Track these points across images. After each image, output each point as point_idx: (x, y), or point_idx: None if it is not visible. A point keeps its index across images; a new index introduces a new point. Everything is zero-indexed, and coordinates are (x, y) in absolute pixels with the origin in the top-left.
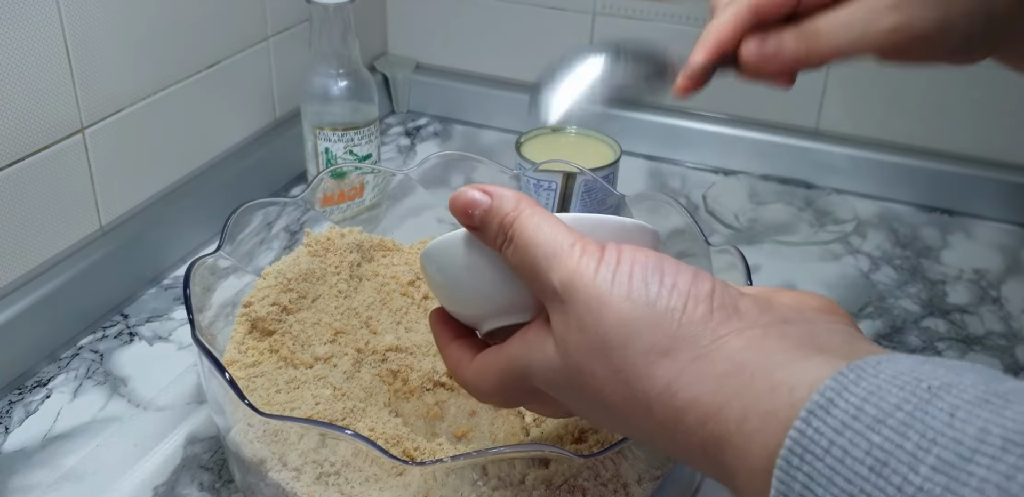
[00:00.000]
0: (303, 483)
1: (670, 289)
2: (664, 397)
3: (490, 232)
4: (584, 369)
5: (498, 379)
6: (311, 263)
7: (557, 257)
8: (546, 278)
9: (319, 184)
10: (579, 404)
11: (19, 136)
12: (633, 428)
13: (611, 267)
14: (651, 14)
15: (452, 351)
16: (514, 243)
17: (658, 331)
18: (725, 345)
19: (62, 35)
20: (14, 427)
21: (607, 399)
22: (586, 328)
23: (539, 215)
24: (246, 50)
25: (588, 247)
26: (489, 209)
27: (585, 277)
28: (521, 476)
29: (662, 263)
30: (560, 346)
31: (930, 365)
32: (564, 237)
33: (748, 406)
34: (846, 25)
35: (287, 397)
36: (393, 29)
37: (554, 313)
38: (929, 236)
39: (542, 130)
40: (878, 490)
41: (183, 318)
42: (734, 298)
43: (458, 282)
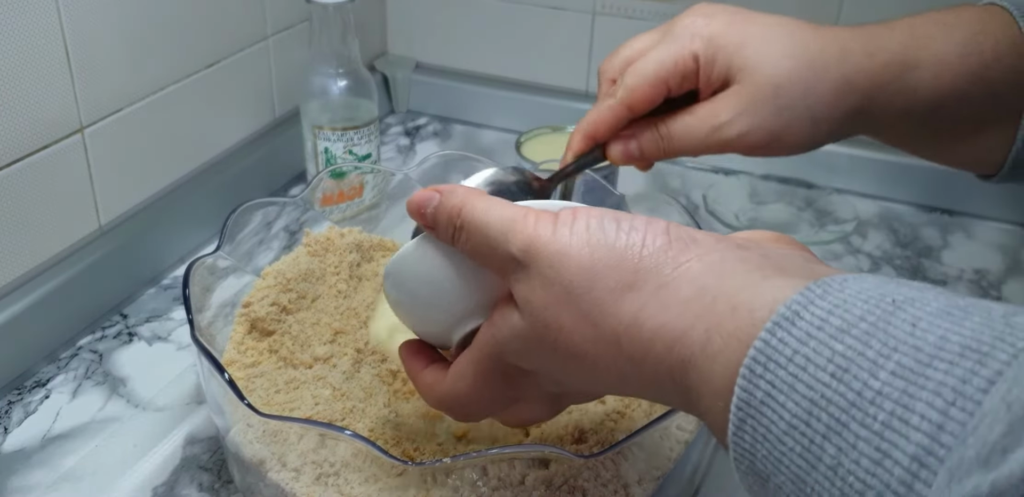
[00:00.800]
0: (302, 483)
1: (628, 230)
2: (632, 330)
3: (442, 226)
4: (551, 323)
5: (473, 371)
6: (310, 263)
7: (512, 228)
8: (504, 250)
9: (318, 184)
10: (552, 364)
11: (18, 136)
12: (606, 374)
13: (567, 223)
14: (651, 14)
15: (425, 376)
16: (465, 230)
17: (620, 268)
18: (687, 271)
19: (61, 35)
20: (13, 427)
21: (577, 348)
22: (549, 283)
23: (486, 200)
24: (245, 50)
25: (541, 214)
26: (439, 204)
27: (544, 237)
28: (521, 476)
29: (617, 214)
30: (524, 308)
31: (894, 284)
32: (515, 210)
33: (711, 328)
34: (693, 136)
35: (286, 397)
36: (393, 29)
37: (516, 282)
38: (929, 236)
39: (542, 130)
40: (838, 395)
41: (182, 318)
42: (689, 231)
43: (421, 292)
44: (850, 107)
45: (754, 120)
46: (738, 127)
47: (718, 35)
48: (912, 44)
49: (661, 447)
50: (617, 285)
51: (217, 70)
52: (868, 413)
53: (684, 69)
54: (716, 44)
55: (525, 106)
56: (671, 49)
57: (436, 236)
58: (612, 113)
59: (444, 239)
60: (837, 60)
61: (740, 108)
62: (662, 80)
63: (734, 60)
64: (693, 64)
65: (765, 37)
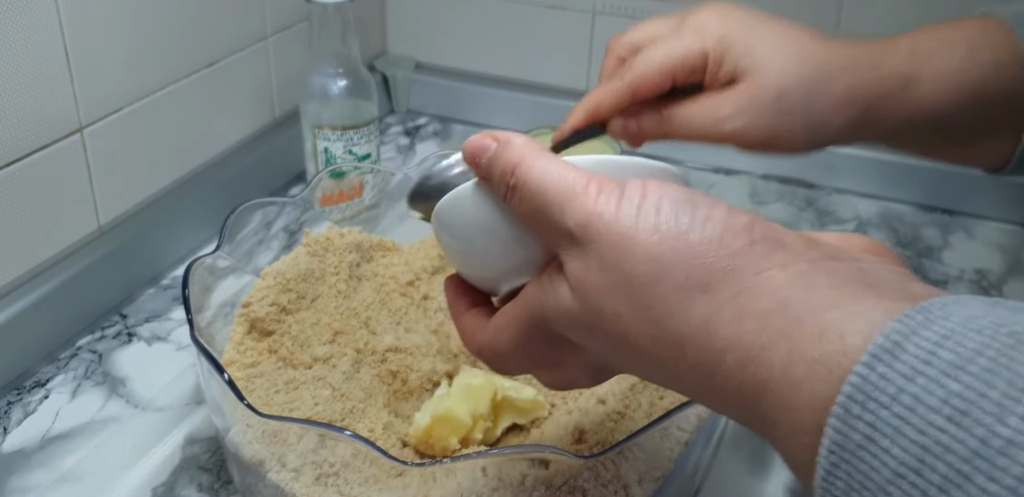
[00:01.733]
0: (302, 484)
1: (703, 220)
2: (700, 336)
3: (495, 181)
4: (606, 311)
5: (516, 330)
6: (310, 263)
7: (570, 199)
8: (559, 222)
9: (318, 184)
10: (603, 347)
11: (17, 136)
12: (663, 372)
13: (634, 202)
14: (651, 14)
15: (467, 320)
16: (518, 191)
17: (693, 264)
18: (769, 279)
19: (61, 34)
20: (13, 427)
21: (634, 341)
22: (608, 267)
23: (544, 158)
24: (245, 49)
25: (606, 185)
26: (493, 156)
27: (606, 215)
28: (521, 476)
29: (692, 196)
30: (577, 290)
31: (1003, 309)
32: (576, 177)
33: (794, 351)
34: (694, 124)
35: (286, 397)
36: (393, 29)
37: (571, 258)
38: (930, 236)
39: (542, 130)
40: (957, 442)
41: (182, 318)
42: (776, 231)
43: (470, 241)
44: (851, 117)
45: (754, 119)
46: (737, 123)
47: (730, 34)
48: (913, 59)
49: (661, 447)
50: (687, 283)
51: (217, 70)
52: (997, 465)
53: (693, 63)
54: (727, 43)
55: (525, 106)
56: (683, 42)
57: (490, 189)
58: (616, 94)
59: (497, 193)
60: (842, 70)
61: (742, 106)
62: (670, 70)
63: (742, 60)
64: (702, 60)
65: (775, 41)
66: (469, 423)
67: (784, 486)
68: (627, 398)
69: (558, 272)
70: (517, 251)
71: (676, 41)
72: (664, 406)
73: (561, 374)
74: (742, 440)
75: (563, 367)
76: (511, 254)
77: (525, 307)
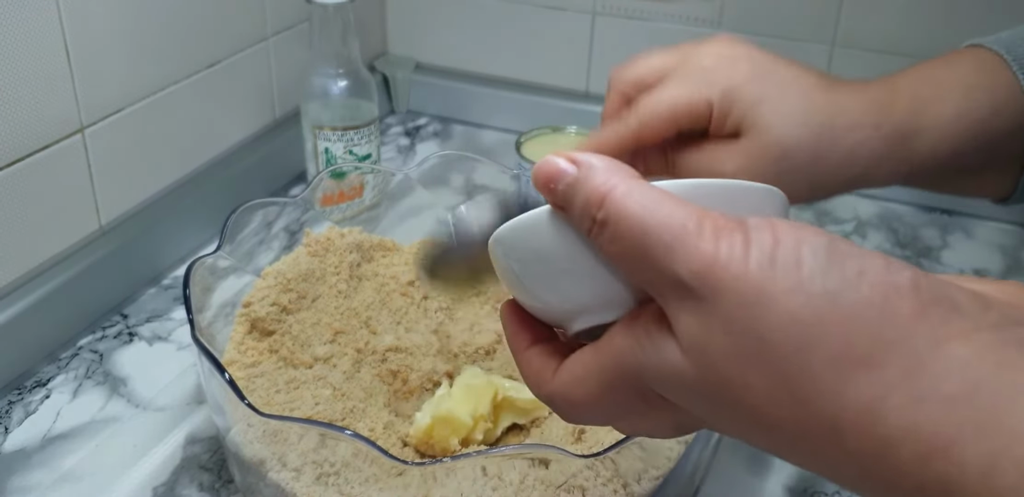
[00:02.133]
0: (303, 483)
1: (857, 276)
2: (863, 422)
3: (576, 213)
4: (735, 381)
5: (598, 383)
6: (311, 263)
7: (681, 242)
8: (666, 269)
9: (319, 184)
10: (719, 417)
11: (19, 136)
12: (806, 455)
13: (766, 249)
14: (651, 14)
15: (531, 359)
16: (610, 230)
17: (851, 334)
18: (950, 355)
19: (62, 35)
20: (13, 427)
21: (769, 419)
22: (738, 330)
23: (639, 190)
24: (246, 50)
25: (723, 224)
26: (574, 183)
27: (732, 265)
28: (521, 476)
29: (836, 243)
30: (693, 353)
31: None
32: (683, 215)
33: (997, 451)
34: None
35: (287, 397)
36: (393, 29)
37: (682, 313)
38: (929, 236)
39: (542, 130)
40: None
41: (183, 318)
42: (946, 288)
43: (537, 273)
44: (851, 176)
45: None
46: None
47: (736, 87)
48: (914, 110)
49: (661, 447)
50: (844, 356)
51: (217, 70)
52: None
53: (697, 113)
54: (732, 97)
55: (525, 106)
56: (687, 90)
57: (568, 219)
58: (621, 140)
59: (578, 228)
60: (846, 131)
61: (744, 163)
62: (675, 118)
63: (747, 116)
64: (707, 110)
65: (781, 96)
66: (470, 424)
67: (784, 486)
68: None
69: (659, 325)
70: (598, 288)
71: (681, 88)
72: None
73: (641, 424)
74: None
75: (646, 419)
76: (590, 291)
77: (614, 361)
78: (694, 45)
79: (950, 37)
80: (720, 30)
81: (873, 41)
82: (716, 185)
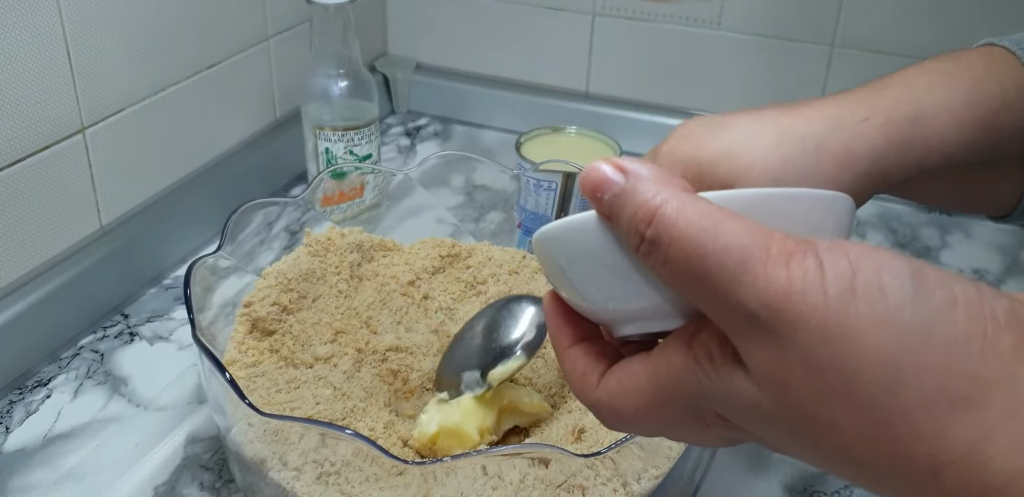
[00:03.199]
0: (303, 483)
1: (949, 307)
2: (966, 465)
3: (623, 228)
4: (821, 420)
5: (651, 399)
6: (311, 263)
7: (749, 270)
8: (732, 300)
9: (319, 184)
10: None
11: (20, 136)
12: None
13: (844, 278)
14: (651, 14)
15: (574, 359)
16: (663, 252)
17: (947, 371)
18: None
19: (63, 35)
20: (15, 427)
21: (859, 457)
22: (820, 367)
23: (694, 206)
24: (246, 50)
25: (793, 248)
26: (620, 193)
27: (809, 295)
28: (521, 476)
29: (922, 269)
30: (771, 388)
31: None
32: (749, 237)
33: None
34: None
35: (287, 397)
36: (393, 29)
37: (754, 346)
38: (928, 236)
39: (542, 130)
40: None
41: (183, 318)
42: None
43: (587, 276)
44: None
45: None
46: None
47: (696, 153)
48: (910, 98)
49: (661, 446)
50: (942, 396)
51: (218, 71)
52: None
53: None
54: (697, 162)
55: (525, 106)
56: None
57: (615, 232)
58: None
59: (625, 242)
60: (829, 132)
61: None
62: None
63: (719, 171)
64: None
65: (748, 137)
66: (476, 439)
67: (783, 485)
68: None
69: (724, 351)
70: (652, 298)
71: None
72: None
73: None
74: None
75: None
76: (642, 300)
77: (671, 381)
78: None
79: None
80: (720, 30)
81: (873, 41)
82: (775, 195)
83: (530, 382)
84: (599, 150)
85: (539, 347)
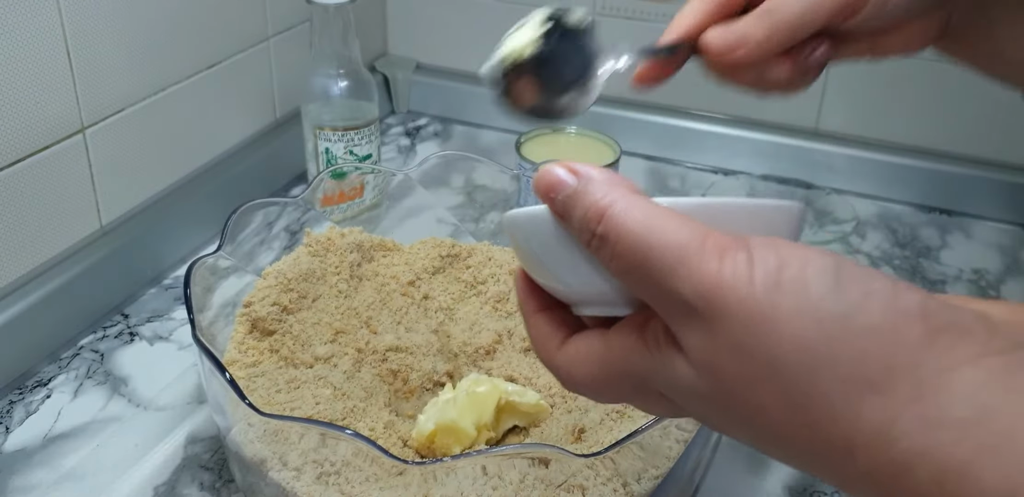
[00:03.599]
0: (303, 483)
1: (863, 299)
2: (876, 444)
3: (575, 226)
4: (750, 402)
5: (602, 371)
6: (311, 263)
7: (684, 263)
8: (670, 290)
9: (319, 184)
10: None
11: (20, 136)
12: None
13: (771, 272)
14: (651, 15)
15: (539, 324)
16: (610, 247)
17: (858, 358)
18: (960, 381)
19: (63, 35)
20: (15, 427)
21: (784, 438)
22: (746, 353)
23: (640, 206)
24: (246, 50)
25: (728, 244)
26: (572, 195)
27: (739, 287)
28: (521, 476)
29: (842, 264)
30: (704, 372)
31: None
32: (687, 234)
33: (1012, 473)
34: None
35: (287, 397)
36: (393, 29)
37: (690, 334)
38: (928, 236)
39: (542, 130)
40: None
41: (183, 318)
42: (953, 313)
43: (547, 263)
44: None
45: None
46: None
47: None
48: None
49: (661, 446)
50: (855, 379)
51: (218, 71)
52: None
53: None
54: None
55: None
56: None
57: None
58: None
59: (577, 239)
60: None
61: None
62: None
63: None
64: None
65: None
66: (474, 435)
67: (783, 485)
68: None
69: (667, 337)
70: (603, 288)
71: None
72: None
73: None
74: None
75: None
76: (596, 289)
77: (621, 359)
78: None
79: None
80: None
81: None
82: (720, 204)
83: (530, 382)
84: (599, 150)
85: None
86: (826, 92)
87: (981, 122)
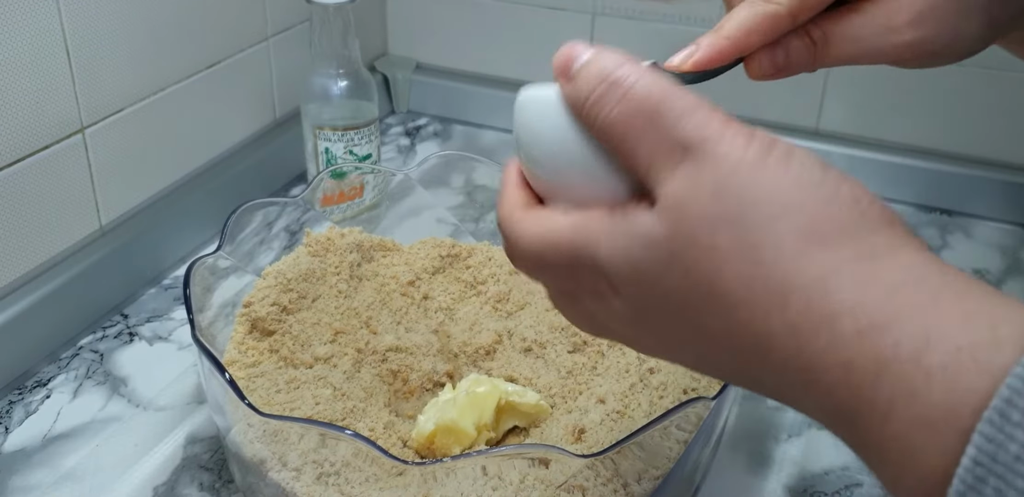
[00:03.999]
0: (303, 483)
1: (838, 180)
2: (813, 291)
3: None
4: (702, 240)
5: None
6: (311, 263)
7: (698, 110)
8: (671, 130)
9: (319, 184)
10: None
11: (19, 136)
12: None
13: (766, 145)
14: (651, 14)
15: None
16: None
17: (822, 215)
18: (901, 254)
19: (62, 35)
20: (14, 427)
21: (721, 282)
22: (724, 194)
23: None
24: (246, 50)
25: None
26: (591, 59)
27: (739, 137)
28: (521, 476)
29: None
30: (669, 210)
31: None
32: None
33: (932, 333)
34: (859, 36)
35: (287, 397)
36: (393, 29)
37: (672, 172)
38: (929, 236)
39: None
40: None
41: (183, 318)
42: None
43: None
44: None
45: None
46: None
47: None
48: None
49: (661, 446)
50: (811, 231)
51: (218, 70)
52: None
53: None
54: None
55: None
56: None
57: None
58: (771, 22)
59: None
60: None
61: (923, 10)
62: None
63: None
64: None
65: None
66: (474, 435)
67: (784, 485)
68: (627, 397)
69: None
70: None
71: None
72: (664, 405)
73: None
74: (742, 440)
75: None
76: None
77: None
78: None
79: None
80: None
81: None
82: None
83: (530, 382)
84: None
85: None
86: (826, 92)
87: (981, 122)
